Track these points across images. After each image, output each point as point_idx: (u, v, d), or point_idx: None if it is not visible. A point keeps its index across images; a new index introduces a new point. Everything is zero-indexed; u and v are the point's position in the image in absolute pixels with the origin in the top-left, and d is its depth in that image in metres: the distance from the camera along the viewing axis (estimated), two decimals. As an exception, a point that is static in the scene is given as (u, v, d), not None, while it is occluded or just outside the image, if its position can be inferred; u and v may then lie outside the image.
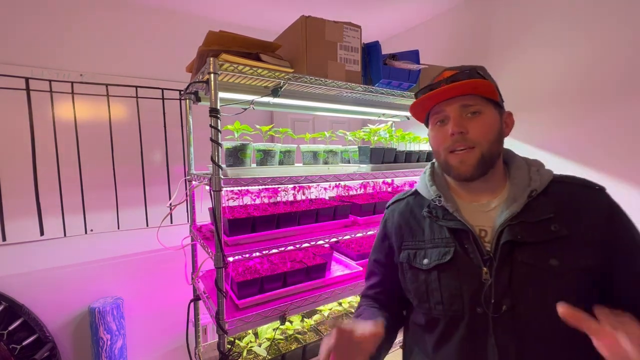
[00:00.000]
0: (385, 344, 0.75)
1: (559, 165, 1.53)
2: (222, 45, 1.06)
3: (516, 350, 0.60)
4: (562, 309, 0.48)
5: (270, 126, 1.43)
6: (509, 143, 1.85)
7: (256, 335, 1.55)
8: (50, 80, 1.72)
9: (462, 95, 0.67)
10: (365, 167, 1.50)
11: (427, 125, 0.78)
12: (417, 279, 0.72)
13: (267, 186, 1.20)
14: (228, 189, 1.20)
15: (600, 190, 0.66)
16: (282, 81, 1.20)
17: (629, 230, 0.63)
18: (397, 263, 0.78)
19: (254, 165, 1.34)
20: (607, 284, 0.62)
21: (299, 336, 1.54)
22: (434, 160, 0.81)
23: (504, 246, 0.62)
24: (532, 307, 0.60)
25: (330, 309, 1.79)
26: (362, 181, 1.58)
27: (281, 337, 1.53)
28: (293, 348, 1.44)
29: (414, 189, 0.83)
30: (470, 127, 0.66)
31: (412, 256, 0.74)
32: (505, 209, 0.66)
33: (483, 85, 0.66)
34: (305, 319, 1.68)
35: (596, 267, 0.60)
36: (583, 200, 0.65)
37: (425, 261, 0.70)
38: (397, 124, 2.13)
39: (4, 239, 1.65)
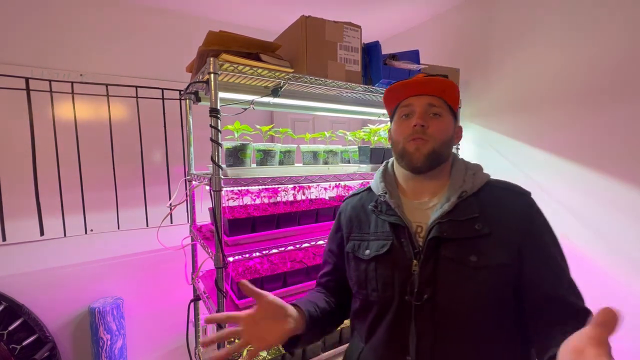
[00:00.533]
0: (318, 326, 0.78)
1: (559, 166, 1.53)
2: (222, 45, 1.06)
3: (433, 335, 0.66)
4: None
5: (270, 126, 1.43)
6: (508, 143, 1.84)
7: (256, 335, 1.54)
8: (50, 80, 1.72)
9: (431, 95, 0.74)
10: (365, 167, 1.50)
11: (391, 120, 0.84)
12: (358, 268, 0.77)
13: (267, 186, 1.20)
14: (228, 189, 1.20)
15: (526, 195, 0.74)
16: (282, 81, 1.20)
17: (546, 236, 0.69)
18: (345, 253, 0.84)
19: (254, 165, 1.34)
20: (519, 283, 0.67)
21: (299, 336, 1.53)
22: (387, 160, 0.89)
23: (430, 241, 0.68)
24: (449, 298, 0.66)
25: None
26: (362, 181, 1.58)
27: (281, 337, 1.52)
28: (293, 348, 1.44)
29: (368, 186, 0.89)
30: (431, 124, 0.73)
31: (356, 247, 0.79)
32: (440, 207, 0.72)
33: (451, 88, 0.74)
34: (305, 319, 1.68)
35: (511, 266, 0.66)
36: (508, 204, 0.71)
37: (367, 252, 0.76)
38: (397, 124, 2.13)
39: (4, 239, 1.64)
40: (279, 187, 1.41)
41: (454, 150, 0.92)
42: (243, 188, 1.30)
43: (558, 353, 0.46)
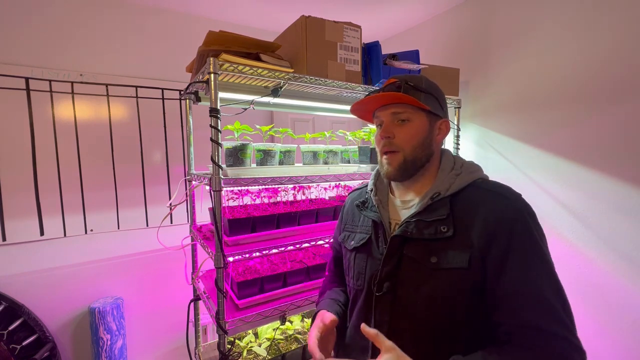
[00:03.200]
0: (344, 317, 0.87)
1: (558, 166, 1.53)
2: (222, 45, 1.06)
3: (388, 326, 0.71)
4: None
5: (270, 126, 1.43)
6: (508, 143, 1.84)
7: (256, 335, 1.55)
8: (50, 80, 1.72)
9: (394, 103, 0.75)
10: (365, 167, 1.50)
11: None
12: (346, 257, 0.87)
13: (267, 186, 1.20)
14: (228, 189, 1.20)
15: (512, 199, 0.67)
16: (282, 81, 1.20)
17: (528, 251, 0.62)
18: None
19: (254, 165, 1.34)
20: (486, 289, 0.64)
21: (299, 336, 1.54)
22: None
23: (393, 239, 0.72)
24: (407, 294, 0.70)
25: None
26: (362, 181, 1.58)
27: (281, 337, 1.53)
28: (293, 348, 1.44)
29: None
30: (397, 132, 0.75)
31: (346, 237, 0.88)
32: (416, 207, 0.74)
33: (404, 98, 0.72)
34: (305, 319, 1.68)
35: (469, 270, 0.63)
36: (486, 207, 0.67)
37: (352, 243, 0.84)
38: (397, 124, 2.13)
39: (4, 239, 1.64)
40: (279, 187, 1.41)
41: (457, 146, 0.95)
42: (243, 188, 1.30)
43: None
